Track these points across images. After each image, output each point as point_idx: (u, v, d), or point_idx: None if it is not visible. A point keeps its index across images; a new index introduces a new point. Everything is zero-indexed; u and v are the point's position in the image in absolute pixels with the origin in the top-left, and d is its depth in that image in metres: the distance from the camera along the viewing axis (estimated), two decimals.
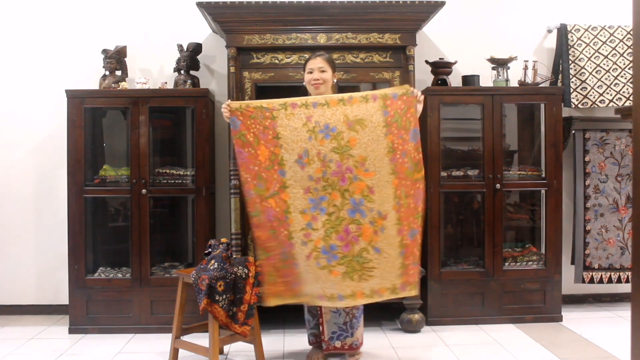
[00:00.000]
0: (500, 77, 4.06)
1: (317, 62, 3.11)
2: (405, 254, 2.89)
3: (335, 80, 3.19)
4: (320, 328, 3.14)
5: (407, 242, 2.89)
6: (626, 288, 4.24)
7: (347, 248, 2.84)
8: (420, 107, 2.95)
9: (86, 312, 3.76)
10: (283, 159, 2.88)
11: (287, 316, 3.86)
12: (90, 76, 4.10)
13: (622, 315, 4.08)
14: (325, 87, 3.11)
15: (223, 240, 3.11)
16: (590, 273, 4.16)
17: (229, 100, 3.06)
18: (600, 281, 4.19)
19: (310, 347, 3.28)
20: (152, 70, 4.23)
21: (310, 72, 3.12)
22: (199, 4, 3.62)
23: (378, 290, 2.88)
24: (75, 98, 3.76)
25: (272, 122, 2.89)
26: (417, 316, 3.73)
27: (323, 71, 3.10)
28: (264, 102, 2.93)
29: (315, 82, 3.10)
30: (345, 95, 2.92)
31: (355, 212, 2.84)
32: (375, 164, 2.85)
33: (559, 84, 4.21)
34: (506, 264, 3.96)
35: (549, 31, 4.37)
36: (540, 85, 4.07)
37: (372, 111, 2.86)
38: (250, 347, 3.25)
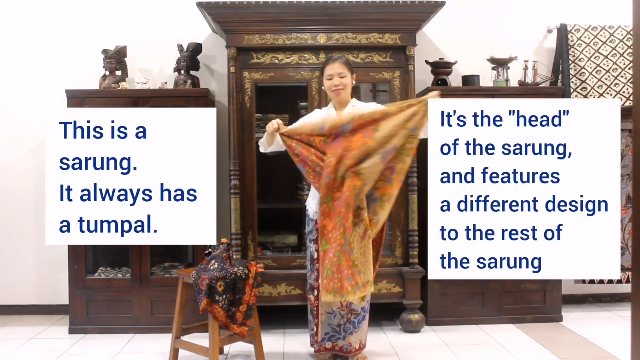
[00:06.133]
0: (500, 77, 4.06)
1: (336, 68, 3.03)
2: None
3: (354, 82, 3.11)
4: (315, 329, 3.15)
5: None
6: (626, 288, 4.24)
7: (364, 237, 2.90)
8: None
9: (86, 312, 3.76)
10: (370, 147, 2.87)
11: (287, 316, 3.86)
12: (90, 76, 4.10)
13: (622, 315, 4.08)
14: (345, 92, 3.06)
15: (223, 240, 3.10)
16: None
17: (279, 121, 3.02)
18: (601, 281, 4.18)
19: (311, 347, 3.28)
20: (152, 70, 4.23)
21: (330, 78, 3.04)
22: (199, 4, 3.62)
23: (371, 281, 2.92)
24: (75, 98, 3.75)
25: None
26: (417, 316, 3.73)
27: (343, 76, 3.02)
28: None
29: (336, 89, 3.04)
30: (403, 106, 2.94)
31: (370, 203, 2.92)
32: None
33: (559, 84, 4.21)
34: None
35: (549, 31, 4.37)
36: (540, 85, 4.07)
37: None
38: (250, 347, 3.25)
